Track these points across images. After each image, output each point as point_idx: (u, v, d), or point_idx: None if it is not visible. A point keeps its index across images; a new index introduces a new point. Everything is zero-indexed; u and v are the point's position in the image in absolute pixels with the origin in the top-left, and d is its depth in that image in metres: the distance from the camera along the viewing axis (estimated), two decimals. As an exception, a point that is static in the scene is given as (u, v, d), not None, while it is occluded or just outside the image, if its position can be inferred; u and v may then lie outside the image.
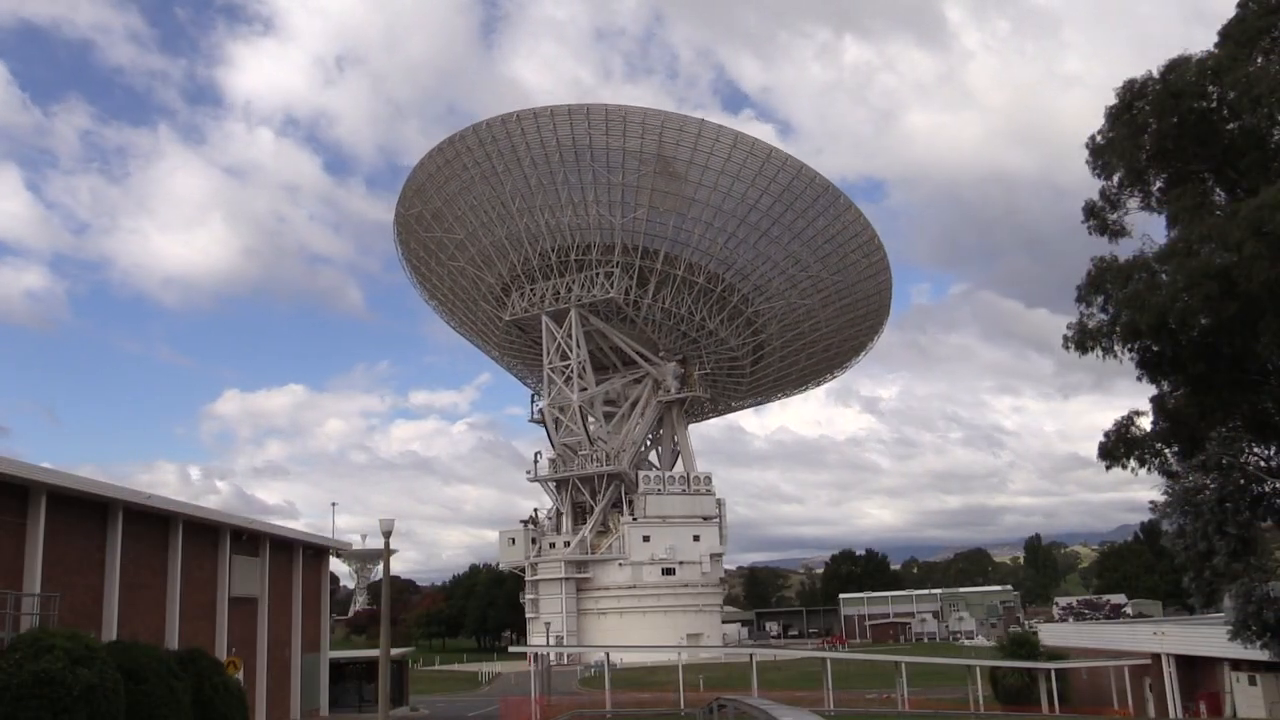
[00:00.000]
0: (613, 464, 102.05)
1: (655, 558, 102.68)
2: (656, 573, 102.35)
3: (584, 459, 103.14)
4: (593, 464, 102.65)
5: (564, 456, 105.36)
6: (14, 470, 23.58)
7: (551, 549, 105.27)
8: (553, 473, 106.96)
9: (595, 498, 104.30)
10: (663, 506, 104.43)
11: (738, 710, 25.46)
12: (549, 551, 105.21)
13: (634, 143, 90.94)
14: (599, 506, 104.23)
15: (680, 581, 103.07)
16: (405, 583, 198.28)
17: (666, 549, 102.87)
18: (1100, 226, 23.10)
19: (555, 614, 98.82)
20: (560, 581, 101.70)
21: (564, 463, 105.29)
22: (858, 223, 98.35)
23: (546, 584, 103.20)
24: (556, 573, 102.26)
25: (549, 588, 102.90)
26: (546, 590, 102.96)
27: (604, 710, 48.55)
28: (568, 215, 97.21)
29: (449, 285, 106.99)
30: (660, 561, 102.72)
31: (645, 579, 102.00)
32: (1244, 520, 22.80)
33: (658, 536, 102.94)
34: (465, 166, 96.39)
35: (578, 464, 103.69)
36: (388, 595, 36.26)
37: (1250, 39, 20.13)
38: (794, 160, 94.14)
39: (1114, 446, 24.60)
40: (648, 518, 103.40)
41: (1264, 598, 22.15)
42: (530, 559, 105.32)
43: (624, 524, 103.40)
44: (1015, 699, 51.38)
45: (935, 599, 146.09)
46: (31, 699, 19.10)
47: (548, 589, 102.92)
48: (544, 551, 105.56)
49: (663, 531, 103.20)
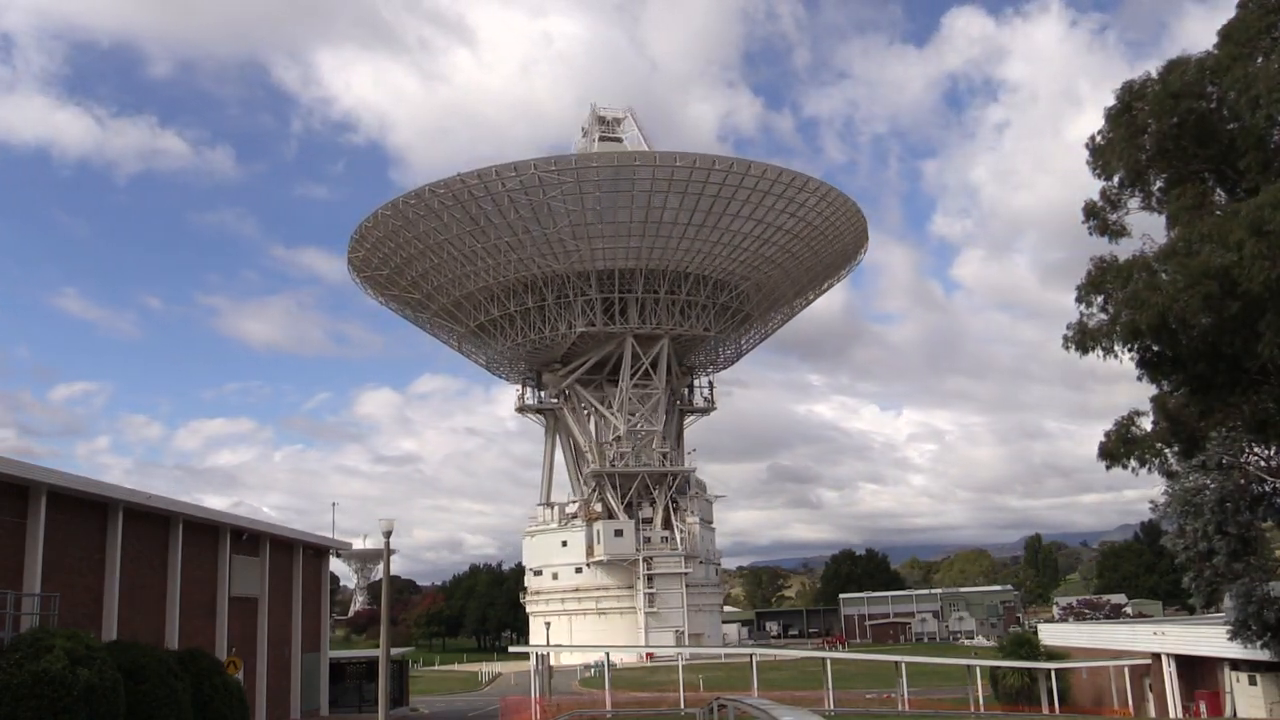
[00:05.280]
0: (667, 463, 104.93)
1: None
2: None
3: (630, 457, 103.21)
4: (644, 463, 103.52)
5: (603, 454, 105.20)
6: (14, 470, 23.57)
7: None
8: (608, 469, 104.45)
9: (650, 494, 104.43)
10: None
11: (738, 710, 25.44)
12: (614, 542, 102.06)
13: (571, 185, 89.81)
14: (660, 503, 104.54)
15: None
16: (405, 583, 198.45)
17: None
18: (1100, 226, 23.12)
19: (675, 609, 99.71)
20: (679, 576, 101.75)
21: (619, 459, 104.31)
22: (795, 184, 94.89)
23: (663, 578, 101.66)
24: (675, 567, 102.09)
25: (665, 582, 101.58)
26: (663, 585, 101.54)
27: (604, 710, 48.49)
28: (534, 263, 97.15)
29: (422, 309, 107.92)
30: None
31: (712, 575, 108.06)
32: (1244, 520, 22.84)
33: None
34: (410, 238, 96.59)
35: (625, 462, 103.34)
36: (388, 595, 36.25)
37: (1250, 39, 20.13)
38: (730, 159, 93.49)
39: (1114, 446, 24.63)
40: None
41: (1264, 598, 22.20)
42: (641, 551, 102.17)
43: (690, 520, 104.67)
44: (1015, 699, 51.36)
45: (935, 599, 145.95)
46: (31, 699, 19.10)
47: (664, 584, 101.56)
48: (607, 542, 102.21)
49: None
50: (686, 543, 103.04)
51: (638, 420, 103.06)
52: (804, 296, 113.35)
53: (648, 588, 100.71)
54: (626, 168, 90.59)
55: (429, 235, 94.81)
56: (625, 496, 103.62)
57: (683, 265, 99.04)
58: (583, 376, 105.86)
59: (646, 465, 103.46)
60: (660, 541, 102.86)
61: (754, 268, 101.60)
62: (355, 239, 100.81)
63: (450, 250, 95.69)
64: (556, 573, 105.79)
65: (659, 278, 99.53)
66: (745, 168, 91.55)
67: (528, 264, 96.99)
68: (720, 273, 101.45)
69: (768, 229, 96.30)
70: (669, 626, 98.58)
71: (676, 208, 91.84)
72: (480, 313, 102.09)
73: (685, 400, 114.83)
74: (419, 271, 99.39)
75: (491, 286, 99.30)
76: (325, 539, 51.35)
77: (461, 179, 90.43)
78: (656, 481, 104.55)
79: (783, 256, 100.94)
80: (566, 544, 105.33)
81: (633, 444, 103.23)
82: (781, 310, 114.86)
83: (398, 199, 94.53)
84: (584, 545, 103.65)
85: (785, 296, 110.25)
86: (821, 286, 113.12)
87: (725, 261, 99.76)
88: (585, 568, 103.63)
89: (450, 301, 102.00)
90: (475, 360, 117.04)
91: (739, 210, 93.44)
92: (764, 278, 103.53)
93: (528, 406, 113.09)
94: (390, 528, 32.09)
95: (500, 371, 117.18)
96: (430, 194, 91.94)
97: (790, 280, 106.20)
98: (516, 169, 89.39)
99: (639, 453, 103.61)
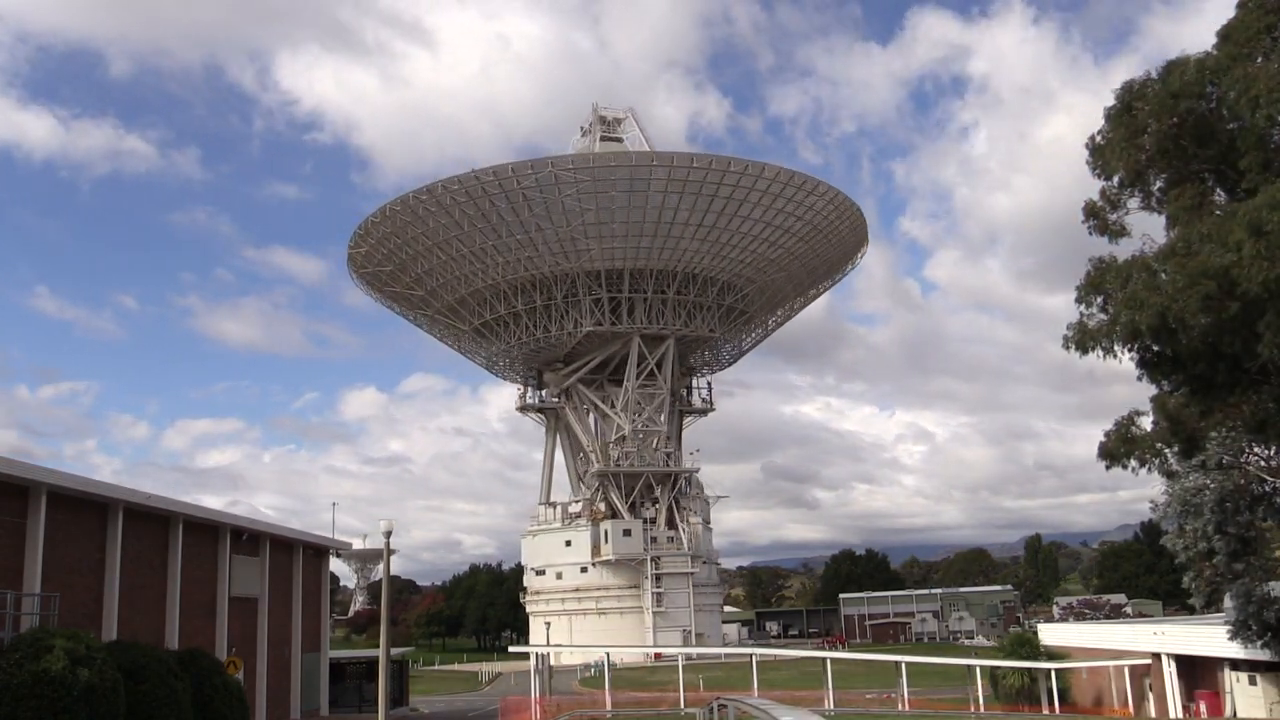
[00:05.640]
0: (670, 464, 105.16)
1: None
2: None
3: (635, 457, 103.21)
4: (648, 463, 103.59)
5: (607, 454, 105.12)
6: (14, 470, 23.58)
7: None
8: (613, 468, 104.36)
9: (652, 494, 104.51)
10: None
11: (738, 710, 25.43)
12: (622, 542, 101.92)
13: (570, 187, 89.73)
14: (664, 503, 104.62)
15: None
16: (405, 583, 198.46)
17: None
18: (1100, 227, 23.09)
19: (682, 608, 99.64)
20: (686, 576, 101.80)
21: (624, 458, 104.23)
22: (805, 187, 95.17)
23: (670, 578, 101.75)
24: (682, 566, 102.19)
25: (673, 582, 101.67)
26: (670, 584, 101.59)
27: (604, 710, 48.49)
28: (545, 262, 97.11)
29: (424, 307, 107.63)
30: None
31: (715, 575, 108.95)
32: (1244, 520, 22.85)
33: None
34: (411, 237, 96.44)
35: (630, 462, 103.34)
36: (388, 595, 36.24)
37: (1250, 39, 20.11)
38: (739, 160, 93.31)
39: (1114, 446, 24.60)
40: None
41: (1264, 598, 22.21)
42: (649, 551, 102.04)
43: (693, 520, 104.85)
44: (1015, 699, 51.35)
45: (935, 599, 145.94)
46: (31, 699, 19.11)
47: (672, 583, 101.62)
48: (615, 542, 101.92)
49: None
50: (691, 543, 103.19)
51: (643, 420, 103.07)
52: (803, 296, 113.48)
53: (656, 587, 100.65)
54: (642, 167, 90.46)
55: (437, 231, 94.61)
56: (629, 496, 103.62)
57: (692, 266, 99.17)
58: (585, 376, 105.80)
59: (651, 465, 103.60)
60: (667, 542, 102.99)
61: (759, 270, 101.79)
62: (358, 235, 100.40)
63: (458, 247, 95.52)
64: (561, 572, 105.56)
65: (668, 278, 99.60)
66: (759, 170, 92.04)
67: (537, 262, 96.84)
68: (728, 274, 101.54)
69: (774, 230, 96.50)
70: (676, 626, 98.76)
71: (690, 209, 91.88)
72: (487, 310, 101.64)
73: (684, 401, 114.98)
74: (424, 268, 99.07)
75: (499, 284, 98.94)
76: (325, 539, 51.37)
77: (476, 175, 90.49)
78: (660, 481, 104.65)
79: (787, 259, 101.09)
80: (570, 543, 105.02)
81: (637, 444, 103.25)
82: (781, 310, 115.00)
83: (408, 194, 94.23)
84: (589, 545, 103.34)
85: (787, 296, 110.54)
86: (821, 287, 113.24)
87: (733, 264, 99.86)
88: (591, 567, 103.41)
89: (455, 300, 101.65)
90: (474, 359, 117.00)
91: (749, 212, 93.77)
92: (768, 280, 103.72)
93: (529, 405, 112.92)
94: (390, 528, 32.06)
95: (500, 371, 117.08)
96: (443, 190, 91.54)
97: (792, 281, 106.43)
98: (533, 166, 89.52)
99: (643, 453, 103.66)
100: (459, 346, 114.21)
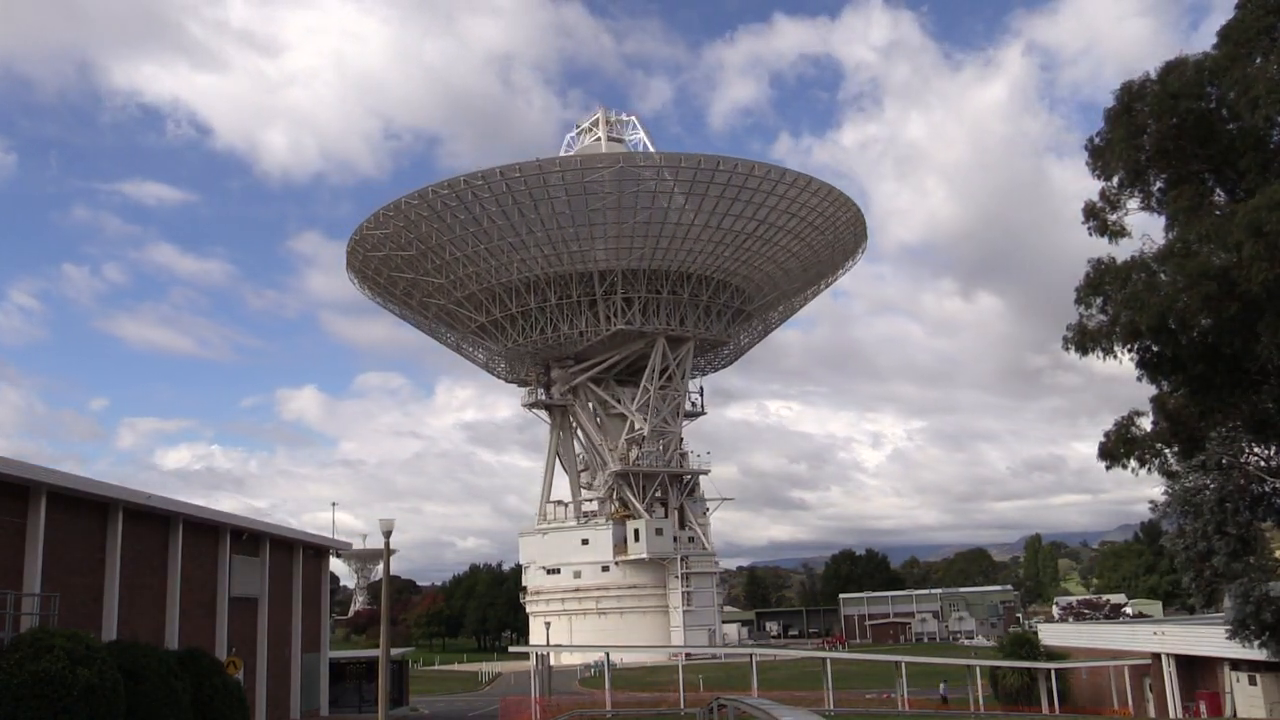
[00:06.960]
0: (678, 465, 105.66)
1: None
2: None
3: (655, 457, 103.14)
4: (665, 464, 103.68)
5: (627, 453, 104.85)
6: (14, 470, 23.57)
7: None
8: (632, 468, 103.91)
9: (665, 494, 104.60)
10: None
11: (738, 710, 25.44)
12: (655, 541, 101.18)
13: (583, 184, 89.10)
14: (676, 504, 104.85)
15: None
16: (405, 583, 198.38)
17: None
18: (1100, 227, 23.10)
19: (707, 607, 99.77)
20: (710, 576, 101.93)
21: (643, 458, 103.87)
22: (829, 196, 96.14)
23: (698, 577, 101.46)
24: (709, 566, 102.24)
25: (699, 581, 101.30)
26: (697, 584, 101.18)
27: (604, 710, 48.50)
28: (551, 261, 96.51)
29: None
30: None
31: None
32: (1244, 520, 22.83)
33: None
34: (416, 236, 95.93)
35: (649, 462, 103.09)
36: (388, 595, 36.25)
37: (1249, 40, 20.12)
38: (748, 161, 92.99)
39: (1114, 446, 24.60)
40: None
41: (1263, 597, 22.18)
42: (679, 550, 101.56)
43: (702, 520, 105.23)
44: (1015, 699, 51.37)
45: (935, 599, 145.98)
46: (31, 699, 19.10)
47: (699, 583, 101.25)
48: (648, 540, 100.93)
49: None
50: (704, 542, 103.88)
51: (659, 420, 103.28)
52: (802, 295, 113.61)
53: (686, 586, 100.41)
54: (651, 168, 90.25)
55: (429, 236, 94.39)
56: (646, 496, 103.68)
57: (706, 270, 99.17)
58: (595, 375, 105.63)
59: (668, 466, 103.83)
60: (688, 542, 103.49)
61: (765, 273, 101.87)
62: (354, 241, 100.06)
63: (462, 247, 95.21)
64: (579, 570, 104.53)
65: (683, 280, 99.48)
66: (780, 174, 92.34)
67: (540, 263, 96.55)
68: (738, 279, 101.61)
69: (779, 232, 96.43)
70: (702, 625, 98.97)
71: (709, 211, 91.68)
72: (497, 307, 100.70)
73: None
74: (423, 271, 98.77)
75: (512, 282, 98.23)
76: (325, 539, 51.35)
77: (466, 180, 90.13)
78: (674, 482, 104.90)
79: (792, 261, 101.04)
80: (588, 542, 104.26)
81: (659, 444, 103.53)
82: (779, 309, 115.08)
83: (400, 200, 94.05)
84: (610, 543, 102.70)
85: (788, 295, 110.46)
86: (819, 284, 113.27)
87: (743, 266, 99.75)
88: (614, 565, 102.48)
89: (459, 298, 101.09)
90: (473, 359, 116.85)
91: (766, 216, 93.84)
92: (772, 282, 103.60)
93: (538, 402, 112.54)
94: (390, 527, 32.09)
95: (499, 370, 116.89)
96: (466, 184, 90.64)
97: (794, 281, 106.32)
98: (521, 169, 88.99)
99: (663, 453, 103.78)
100: (459, 347, 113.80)
